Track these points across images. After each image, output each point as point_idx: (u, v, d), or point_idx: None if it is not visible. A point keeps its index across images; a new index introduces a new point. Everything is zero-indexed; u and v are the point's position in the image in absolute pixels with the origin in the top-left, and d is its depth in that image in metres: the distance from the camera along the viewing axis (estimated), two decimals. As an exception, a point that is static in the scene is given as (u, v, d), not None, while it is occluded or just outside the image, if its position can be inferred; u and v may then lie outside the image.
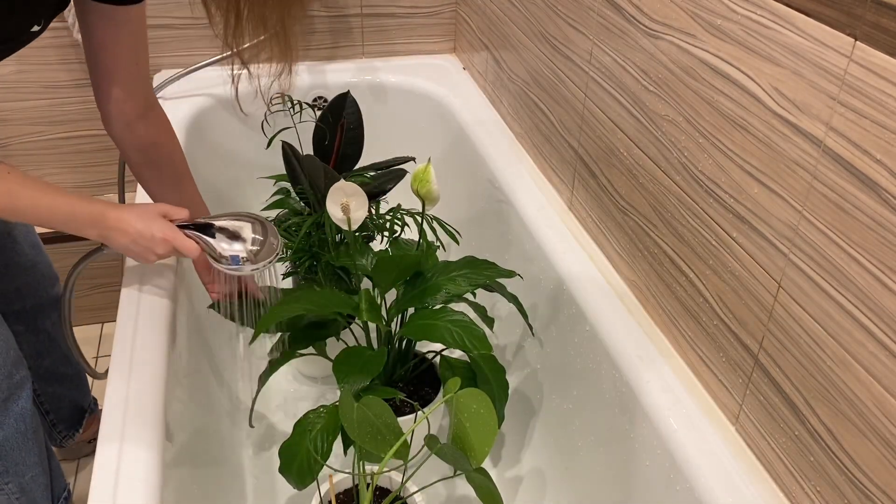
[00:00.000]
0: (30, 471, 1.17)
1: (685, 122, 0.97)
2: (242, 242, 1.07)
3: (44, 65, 1.68)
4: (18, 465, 1.16)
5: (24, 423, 1.14)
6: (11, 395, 1.11)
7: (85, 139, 1.78)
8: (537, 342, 1.32)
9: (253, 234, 1.08)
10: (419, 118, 1.84)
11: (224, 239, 1.06)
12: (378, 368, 1.07)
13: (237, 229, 1.08)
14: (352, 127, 1.43)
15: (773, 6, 0.79)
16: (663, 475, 0.96)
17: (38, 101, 1.71)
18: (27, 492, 1.19)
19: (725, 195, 0.91)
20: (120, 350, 1.02)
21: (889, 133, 0.67)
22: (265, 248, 1.08)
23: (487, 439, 0.94)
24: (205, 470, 1.14)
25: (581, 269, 1.22)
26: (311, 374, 1.53)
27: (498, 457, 1.37)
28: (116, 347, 1.02)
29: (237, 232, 1.08)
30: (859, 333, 0.73)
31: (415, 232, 1.34)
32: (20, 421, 1.13)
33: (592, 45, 1.19)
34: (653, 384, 1.01)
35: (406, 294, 1.18)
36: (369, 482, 1.01)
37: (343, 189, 1.10)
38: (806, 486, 0.83)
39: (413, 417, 1.22)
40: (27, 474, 1.17)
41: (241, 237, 1.08)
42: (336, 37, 1.86)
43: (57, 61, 1.68)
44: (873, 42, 0.67)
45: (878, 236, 0.70)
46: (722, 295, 0.94)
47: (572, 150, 1.31)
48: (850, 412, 0.76)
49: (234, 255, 1.06)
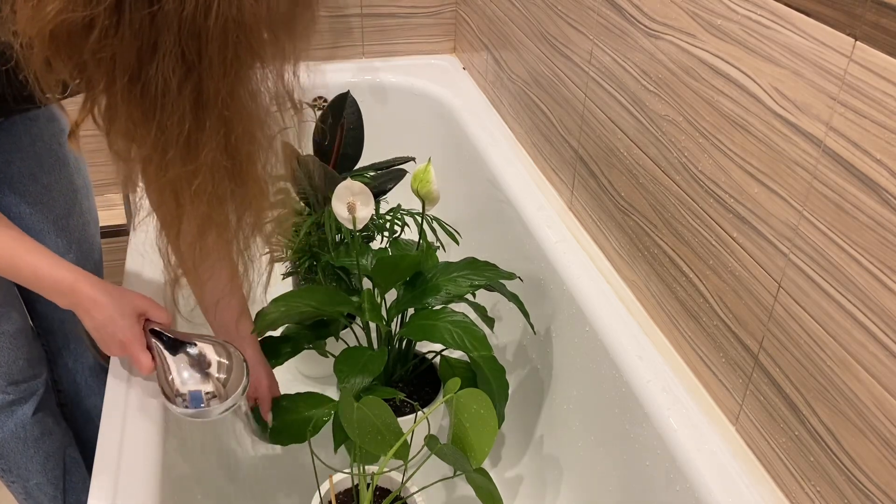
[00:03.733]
0: (33, 477, 1.19)
1: (685, 122, 0.97)
2: (207, 379, 0.89)
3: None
4: (20, 468, 1.17)
5: (24, 431, 1.14)
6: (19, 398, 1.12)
7: (85, 139, 1.78)
8: (537, 342, 1.31)
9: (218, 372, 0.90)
10: (419, 118, 1.84)
11: (188, 368, 0.88)
12: (378, 368, 1.07)
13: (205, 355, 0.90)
14: (352, 127, 1.43)
15: (773, 6, 0.79)
16: (663, 475, 0.96)
17: (38, 101, 1.71)
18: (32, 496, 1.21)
19: (725, 195, 0.90)
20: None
21: (889, 133, 0.67)
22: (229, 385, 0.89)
23: (487, 439, 0.94)
24: (204, 469, 1.14)
25: (581, 269, 1.22)
26: (311, 374, 1.53)
27: (498, 457, 1.37)
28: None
29: (207, 362, 0.90)
30: (859, 333, 0.73)
31: (415, 232, 1.35)
32: (19, 427, 1.14)
33: (592, 45, 1.19)
34: (653, 384, 1.01)
35: (406, 294, 1.18)
36: (369, 482, 1.01)
37: (350, 188, 1.10)
38: (806, 486, 0.83)
39: (413, 417, 1.22)
40: (31, 480, 1.19)
41: (208, 372, 0.89)
42: (336, 37, 1.86)
43: (57, 61, 1.68)
44: (873, 42, 0.67)
45: (878, 236, 0.70)
46: (722, 295, 0.94)
47: (572, 150, 1.31)
48: (850, 412, 0.75)
49: (195, 392, 0.87)
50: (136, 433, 0.90)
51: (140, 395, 0.95)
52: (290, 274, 1.49)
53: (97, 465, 0.87)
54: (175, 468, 0.96)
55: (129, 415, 0.93)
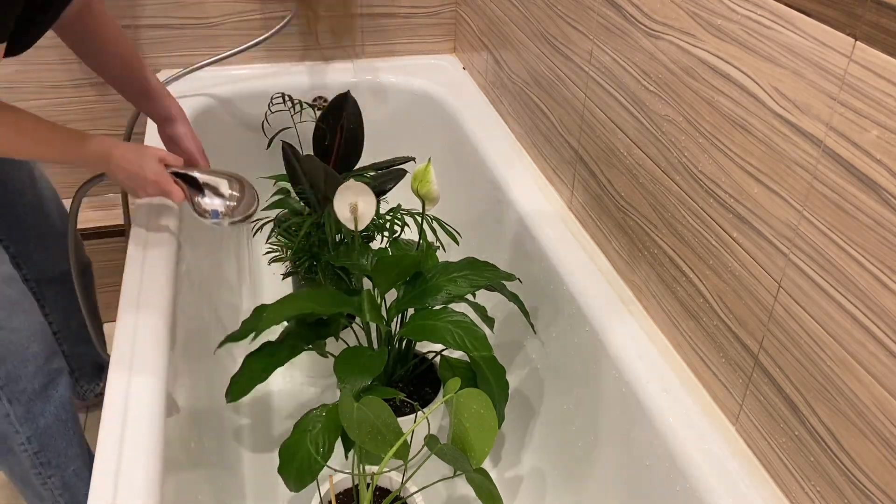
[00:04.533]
0: (72, 463, 1.20)
1: (685, 122, 0.97)
2: (222, 198, 1.18)
3: (44, 65, 1.68)
4: (60, 456, 1.19)
5: (65, 412, 1.17)
6: (51, 381, 1.15)
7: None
8: (537, 342, 1.32)
9: (230, 190, 1.19)
10: (419, 118, 1.84)
11: (207, 193, 1.18)
12: (378, 368, 1.07)
13: (218, 185, 1.19)
14: (352, 127, 1.43)
15: (773, 6, 0.79)
16: (663, 475, 0.96)
17: (38, 101, 1.71)
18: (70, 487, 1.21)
19: (725, 195, 0.91)
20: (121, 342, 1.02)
21: (889, 133, 0.67)
22: (242, 204, 1.19)
23: (487, 440, 0.94)
24: (205, 469, 1.14)
25: (581, 269, 1.22)
26: (311, 374, 1.53)
27: (498, 457, 1.37)
28: (117, 341, 1.02)
29: (218, 187, 1.19)
30: (859, 333, 0.73)
31: (415, 232, 1.35)
32: (60, 409, 1.17)
33: (592, 45, 1.19)
34: (652, 384, 1.01)
35: (406, 294, 1.18)
36: (369, 482, 1.01)
37: (352, 188, 1.10)
38: (806, 486, 0.83)
39: (413, 417, 1.22)
40: (69, 467, 1.20)
41: (221, 193, 1.18)
42: (336, 37, 1.86)
43: (57, 61, 1.68)
44: (873, 42, 0.67)
45: (878, 236, 0.70)
46: (722, 295, 0.94)
47: (572, 150, 1.31)
48: (850, 412, 0.75)
49: (214, 210, 1.17)
50: (137, 432, 0.90)
51: (140, 393, 0.95)
52: (290, 274, 1.49)
53: (97, 464, 0.87)
54: (176, 467, 0.96)
55: (129, 415, 0.92)
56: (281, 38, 1.81)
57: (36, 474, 1.18)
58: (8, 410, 1.11)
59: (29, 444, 1.15)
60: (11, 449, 1.15)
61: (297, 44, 1.84)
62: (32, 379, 1.12)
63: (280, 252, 1.44)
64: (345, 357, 1.10)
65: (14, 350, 1.10)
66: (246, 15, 1.76)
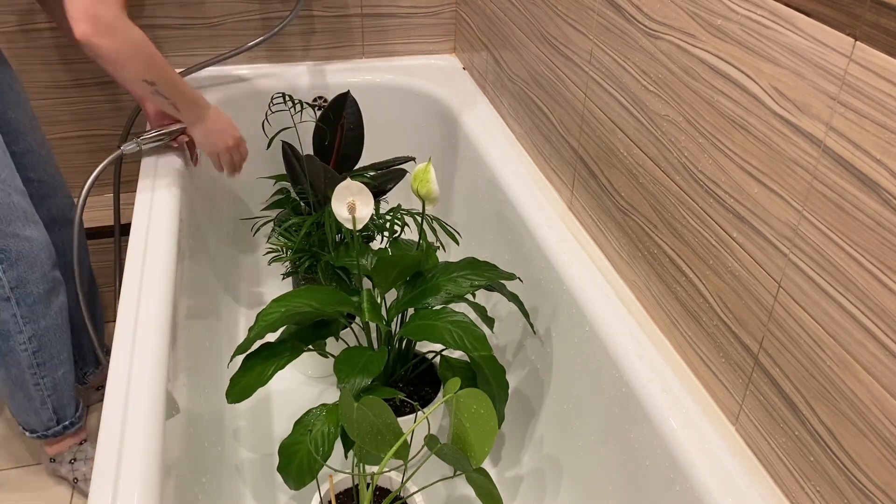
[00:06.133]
0: (62, 366, 1.33)
1: (685, 122, 0.97)
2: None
3: (44, 65, 1.68)
4: (54, 358, 1.31)
5: (62, 318, 1.30)
6: (53, 288, 1.27)
7: (85, 139, 1.78)
8: (537, 342, 1.32)
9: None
10: (419, 118, 1.84)
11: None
12: (378, 368, 1.07)
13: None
14: (352, 127, 1.43)
15: (773, 6, 0.79)
16: (663, 475, 0.96)
17: (38, 100, 1.71)
18: (58, 390, 1.34)
19: (725, 195, 0.91)
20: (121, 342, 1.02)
21: (889, 133, 0.67)
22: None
23: (487, 439, 0.94)
24: (204, 469, 1.14)
25: (581, 269, 1.22)
26: (311, 374, 1.53)
27: (498, 457, 1.37)
28: (117, 341, 1.02)
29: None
30: (859, 333, 0.73)
31: (415, 232, 1.35)
32: (58, 314, 1.29)
33: (592, 45, 1.19)
34: (653, 384, 1.01)
35: (406, 294, 1.18)
36: (369, 482, 1.01)
37: (349, 188, 1.10)
38: (806, 486, 0.83)
39: (413, 417, 1.22)
40: (60, 370, 1.32)
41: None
42: (336, 37, 1.86)
43: (57, 61, 1.68)
44: (873, 42, 0.67)
45: (878, 236, 0.70)
46: (722, 295, 0.94)
47: (572, 150, 1.31)
48: (850, 412, 0.76)
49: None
50: (137, 432, 0.90)
51: (140, 394, 0.95)
52: (290, 274, 1.49)
53: (97, 464, 0.87)
54: (176, 467, 0.96)
55: (129, 415, 0.93)
56: (281, 38, 1.81)
57: (31, 374, 1.29)
58: (15, 311, 1.24)
59: (29, 343, 1.27)
60: (13, 349, 1.27)
61: (297, 44, 1.84)
62: (38, 283, 1.25)
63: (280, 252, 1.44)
64: (345, 357, 1.10)
65: (27, 256, 1.22)
66: (246, 15, 1.76)
